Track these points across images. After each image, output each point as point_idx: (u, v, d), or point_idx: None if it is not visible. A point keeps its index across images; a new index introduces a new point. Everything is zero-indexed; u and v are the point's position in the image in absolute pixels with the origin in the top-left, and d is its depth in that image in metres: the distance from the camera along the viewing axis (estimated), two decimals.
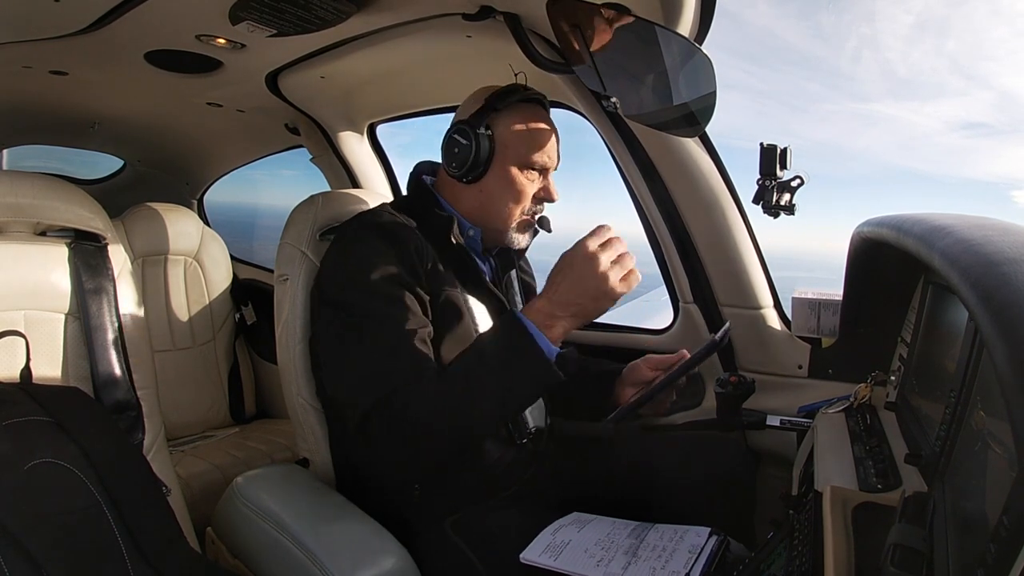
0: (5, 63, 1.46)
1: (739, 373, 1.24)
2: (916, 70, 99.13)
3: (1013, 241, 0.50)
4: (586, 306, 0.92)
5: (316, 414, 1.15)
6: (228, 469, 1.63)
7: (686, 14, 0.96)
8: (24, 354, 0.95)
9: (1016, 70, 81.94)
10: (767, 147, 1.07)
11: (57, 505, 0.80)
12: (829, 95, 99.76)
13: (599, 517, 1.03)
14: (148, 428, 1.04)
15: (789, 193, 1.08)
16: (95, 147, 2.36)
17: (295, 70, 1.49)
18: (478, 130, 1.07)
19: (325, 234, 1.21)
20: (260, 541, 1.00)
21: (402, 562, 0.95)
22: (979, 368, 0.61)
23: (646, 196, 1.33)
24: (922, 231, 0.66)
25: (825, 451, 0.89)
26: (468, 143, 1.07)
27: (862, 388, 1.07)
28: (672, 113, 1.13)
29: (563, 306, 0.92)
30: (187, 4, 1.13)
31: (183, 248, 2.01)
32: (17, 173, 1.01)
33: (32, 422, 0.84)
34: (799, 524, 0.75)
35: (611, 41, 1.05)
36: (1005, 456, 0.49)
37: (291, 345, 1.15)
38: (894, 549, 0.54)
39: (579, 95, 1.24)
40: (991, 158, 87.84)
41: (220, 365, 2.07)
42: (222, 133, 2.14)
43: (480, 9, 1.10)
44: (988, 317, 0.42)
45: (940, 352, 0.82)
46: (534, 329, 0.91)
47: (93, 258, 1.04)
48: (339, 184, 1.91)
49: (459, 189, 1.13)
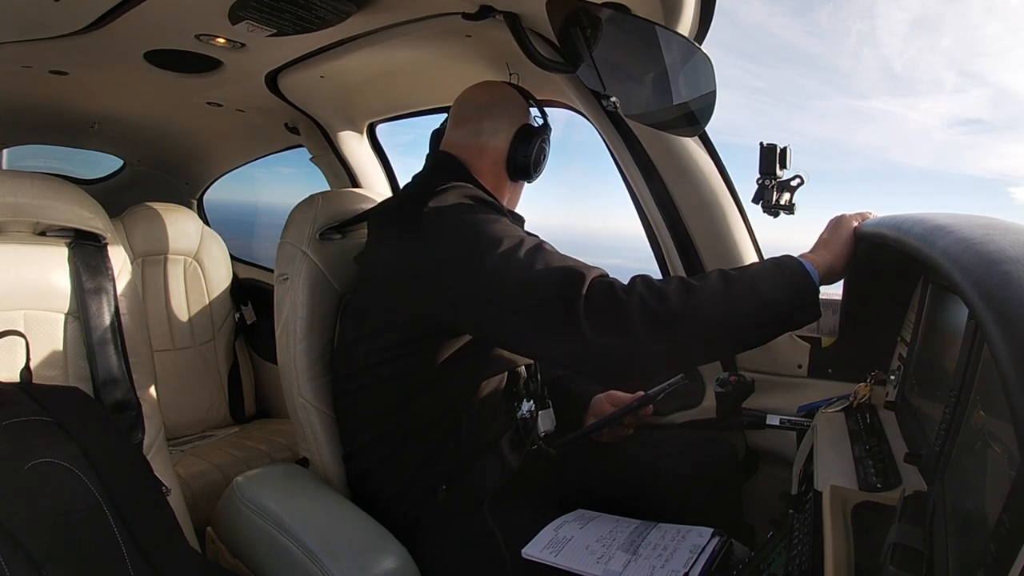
0: (5, 63, 1.45)
1: (739, 373, 1.24)
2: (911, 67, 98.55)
3: (1014, 240, 0.50)
4: (828, 231, 0.96)
5: (316, 413, 1.15)
6: (228, 469, 1.63)
7: (686, 14, 0.96)
8: (24, 354, 0.95)
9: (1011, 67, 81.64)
10: (767, 147, 1.07)
11: (57, 505, 0.80)
12: (825, 91, 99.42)
13: (602, 515, 1.03)
14: (148, 428, 1.04)
15: (789, 192, 1.08)
16: (95, 147, 2.36)
17: (295, 70, 1.49)
18: (549, 134, 1.18)
19: (325, 233, 1.21)
20: (260, 541, 1.00)
21: (402, 562, 0.95)
22: (979, 367, 0.61)
23: (646, 196, 1.33)
24: (922, 230, 0.65)
25: (825, 451, 0.89)
26: (548, 147, 1.19)
27: (862, 387, 1.07)
28: (672, 112, 1.13)
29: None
30: (187, 4, 1.13)
31: (183, 248, 2.01)
32: (17, 173, 1.01)
33: (32, 422, 0.84)
34: (799, 523, 0.75)
35: (611, 41, 1.05)
36: (1005, 455, 0.49)
37: (291, 345, 1.15)
38: (894, 548, 0.54)
39: (579, 95, 1.24)
40: (989, 155, 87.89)
41: (220, 365, 2.07)
42: (222, 133, 2.14)
43: (480, 9, 1.10)
44: (990, 316, 0.42)
45: (940, 351, 0.82)
46: None
47: (93, 258, 1.04)
48: (339, 183, 1.91)
49: (505, 187, 1.19)
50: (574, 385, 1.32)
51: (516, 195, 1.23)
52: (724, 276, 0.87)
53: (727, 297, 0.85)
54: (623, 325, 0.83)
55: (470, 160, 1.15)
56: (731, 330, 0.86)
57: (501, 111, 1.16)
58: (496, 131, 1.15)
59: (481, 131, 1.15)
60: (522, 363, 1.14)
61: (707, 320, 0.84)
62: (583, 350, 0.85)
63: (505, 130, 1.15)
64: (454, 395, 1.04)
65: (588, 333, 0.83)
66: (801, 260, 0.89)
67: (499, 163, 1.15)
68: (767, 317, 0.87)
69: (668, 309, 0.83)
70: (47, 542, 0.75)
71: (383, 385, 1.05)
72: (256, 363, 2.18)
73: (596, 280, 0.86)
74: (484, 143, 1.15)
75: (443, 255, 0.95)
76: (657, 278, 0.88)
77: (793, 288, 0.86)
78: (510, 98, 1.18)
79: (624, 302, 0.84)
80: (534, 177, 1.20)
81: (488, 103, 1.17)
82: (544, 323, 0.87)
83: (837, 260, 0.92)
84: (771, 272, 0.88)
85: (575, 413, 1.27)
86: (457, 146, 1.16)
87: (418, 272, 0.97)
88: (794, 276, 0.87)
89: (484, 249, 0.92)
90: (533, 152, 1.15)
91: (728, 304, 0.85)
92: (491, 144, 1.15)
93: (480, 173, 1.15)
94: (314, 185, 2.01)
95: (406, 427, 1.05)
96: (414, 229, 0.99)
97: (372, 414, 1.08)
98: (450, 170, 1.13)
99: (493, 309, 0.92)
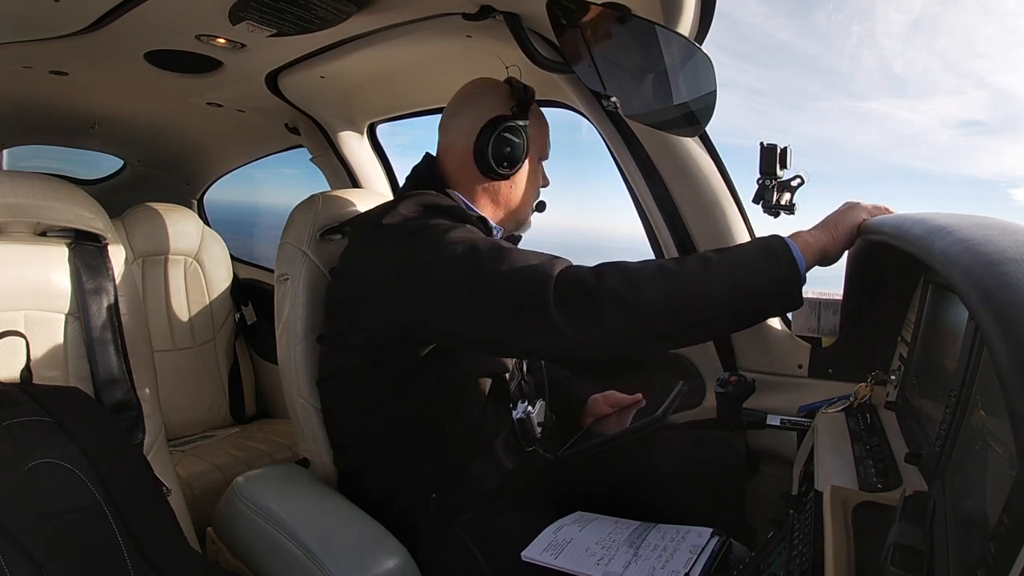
0: (5, 63, 1.46)
1: (739, 373, 1.24)
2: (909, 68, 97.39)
3: (1013, 240, 0.50)
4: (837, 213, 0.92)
5: (317, 414, 1.15)
6: (228, 469, 1.63)
7: (686, 14, 0.96)
8: (24, 354, 0.95)
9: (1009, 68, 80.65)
10: (767, 146, 1.07)
11: (57, 505, 0.80)
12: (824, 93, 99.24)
13: (602, 516, 1.03)
14: (148, 428, 1.04)
15: (789, 192, 1.08)
16: (95, 147, 2.36)
17: (295, 70, 1.49)
18: (523, 125, 1.09)
19: (326, 234, 1.21)
20: (260, 541, 1.00)
21: (403, 562, 0.95)
22: (979, 367, 0.61)
23: (646, 195, 1.33)
24: (922, 231, 0.65)
25: (825, 450, 0.89)
26: (520, 141, 1.08)
27: (862, 388, 1.07)
28: (672, 113, 1.13)
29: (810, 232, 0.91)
30: (187, 4, 1.13)
31: (183, 248, 2.01)
32: (17, 173, 1.01)
33: (32, 422, 0.84)
34: (799, 524, 0.75)
35: (611, 41, 1.05)
36: (1005, 455, 0.49)
37: (291, 345, 1.15)
38: (894, 548, 0.54)
39: (579, 94, 1.24)
40: (989, 156, 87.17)
41: (220, 365, 2.07)
42: (222, 133, 2.14)
43: (480, 9, 1.10)
44: (989, 316, 0.42)
45: (940, 352, 0.82)
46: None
47: (93, 258, 1.04)
48: (339, 184, 1.91)
49: (481, 187, 1.12)
50: (570, 385, 1.32)
51: (504, 195, 1.13)
52: (703, 260, 0.85)
53: (704, 283, 0.82)
54: (596, 314, 0.82)
55: (442, 163, 1.13)
56: (707, 316, 0.84)
57: (468, 107, 1.11)
58: (459, 129, 1.10)
59: (448, 130, 1.12)
60: (509, 365, 1.12)
61: (681, 306, 0.83)
62: (558, 343, 0.85)
63: (468, 126, 1.09)
64: (431, 397, 1.03)
65: (562, 327, 0.82)
66: (791, 245, 0.85)
67: (466, 162, 1.09)
68: (744, 306, 0.85)
69: (640, 296, 0.82)
70: (47, 542, 0.75)
71: (359, 387, 1.04)
72: (256, 363, 2.18)
73: (562, 273, 0.85)
74: (450, 144, 1.12)
75: (401, 271, 0.94)
76: (634, 261, 0.86)
77: (776, 277, 0.84)
78: (481, 93, 1.12)
79: (595, 290, 0.83)
80: (504, 171, 1.09)
81: (458, 100, 1.14)
82: (518, 323, 0.87)
83: (832, 244, 0.89)
84: (755, 257, 0.85)
85: (571, 413, 1.27)
86: (438, 149, 1.15)
87: (381, 286, 0.97)
88: (779, 264, 0.84)
89: (441, 260, 0.91)
90: (490, 143, 1.06)
91: (704, 291, 0.82)
92: (456, 143, 1.11)
93: (448, 175, 1.12)
94: (314, 187, 2.01)
95: (384, 428, 1.04)
96: (373, 242, 1.01)
97: (351, 413, 1.08)
98: (417, 177, 1.14)
99: (463, 318, 0.91)
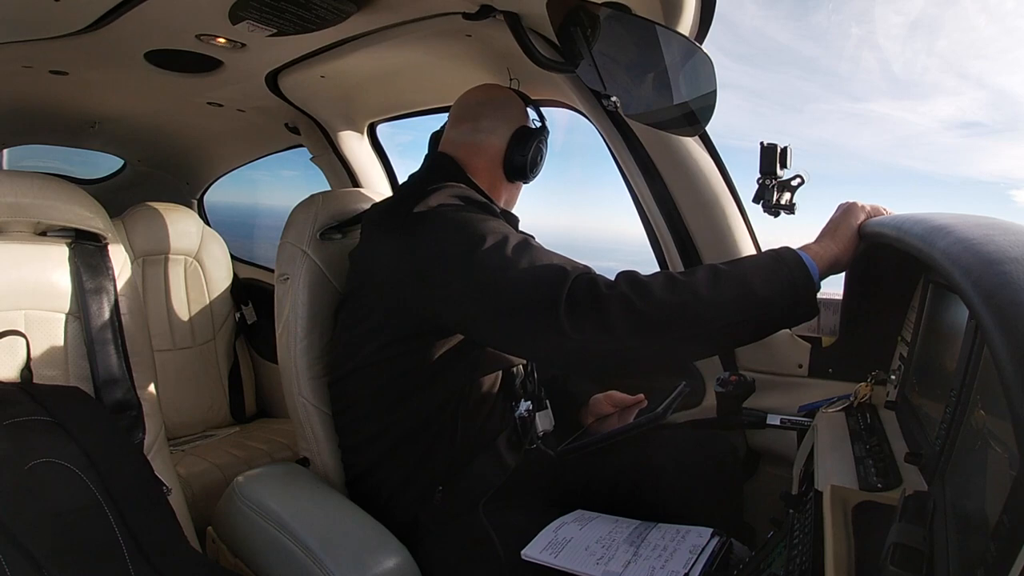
0: (5, 63, 1.45)
1: (739, 372, 1.24)
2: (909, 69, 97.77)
3: (1014, 240, 0.50)
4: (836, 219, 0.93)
5: (317, 413, 1.15)
6: (228, 468, 1.63)
7: (686, 14, 0.96)
8: (25, 354, 0.95)
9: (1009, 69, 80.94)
10: (767, 146, 1.07)
11: (58, 505, 0.80)
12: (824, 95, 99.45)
13: (602, 515, 1.03)
14: (148, 428, 1.04)
15: (789, 192, 1.08)
16: (95, 147, 2.36)
17: (295, 70, 1.49)
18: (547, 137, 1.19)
19: (326, 233, 1.21)
20: (261, 540, 1.00)
21: (403, 561, 0.95)
22: (979, 367, 0.61)
23: (646, 195, 1.33)
24: (922, 231, 0.65)
25: (825, 450, 0.89)
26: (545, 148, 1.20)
27: (862, 387, 1.07)
28: (672, 112, 1.13)
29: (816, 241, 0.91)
30: (187, 4, 1.13)
31: (183, 247, 2.01)
32: (17, 173, 1.01)
33: (33, 422, 0.85)
34: (799, 523, 0.75)
35: (611, 40, 1.05)
36: (1005, 455, 0.49)
37: (291, 344, 1.15)
38: (894, 548, 0.54)
39: (579, 94, 1.24)
40: (989, 157, 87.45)
41: (220, 364, 2.07)
42: (222, 133, 2.14)
43: (480, 8, 1.10)
44: (990, 316, 0.42)
45: (940, 351, 0.82)
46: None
47: (93, 258, 1.05)
48: (339, 183, 1.91)
49: (500, 187, 1.19)
50: (571, 384, 1.32)
51: (513, 196, 1.24)
52: (714, 272, 0.85)
53: (715, 295, 0.82)
54: (603, 322, 0.82)
55: (466, 159, 1.15)
56: (718, 328, 0.83)
57: (499, 111, 1.16)
58: (493, 130, 1.15)
59: (479, 129, 1.15)
60: (517, 362, 1.14)
61: (692, 318, 0.82)
62: (564, 348, 0.85)
63: (502, 129, 1.15)
64: (448, 394, 1.04)
65: (568, 330, 0.82)
66: (801, 254, 0.85)
67: (495, 163, 1.16)
68: (759, 316, 0.84)
69: (650, 307, 0.82)
70: (48, 542, 0.75)
71: (377, 384, 1.05)
72: (256, 363, 2.18)
73: (579, 277, 0.86)
74: (481, 141, 1.15)
75: (430, 255, 0.95)
76: (645, 273, 0.86)
77: (789, 285, 0.83)
78: (509, 99, 1.19)
79: (606, 299, 0.83)
80: (531, 178, 1.20)
81: (486, 102, 1.18)
82: (527, 321, 0.87)
83: (844, 253, 0.88)
84: (767, 267, 0.85)
85: (573, 412, 1.27)
86: (455, 145, 1.16)
87: (406, 273, 0.98)
88: (791, 273, 0.84)
89: (470, 248, 0.92)
90: (530, 153, 1.15)
91: (715, 302, 0.82)
92: (488, 143, 1.15)
93: (476, 172, 1.15)
94: (314, 189, 2.01)
95: (401, 426, 1.05)
96: (403, 230, 1.00)
97: (367, 412, 1.08)
98: (444, 170, 1.13)
99: (479, 308, 0.92)
